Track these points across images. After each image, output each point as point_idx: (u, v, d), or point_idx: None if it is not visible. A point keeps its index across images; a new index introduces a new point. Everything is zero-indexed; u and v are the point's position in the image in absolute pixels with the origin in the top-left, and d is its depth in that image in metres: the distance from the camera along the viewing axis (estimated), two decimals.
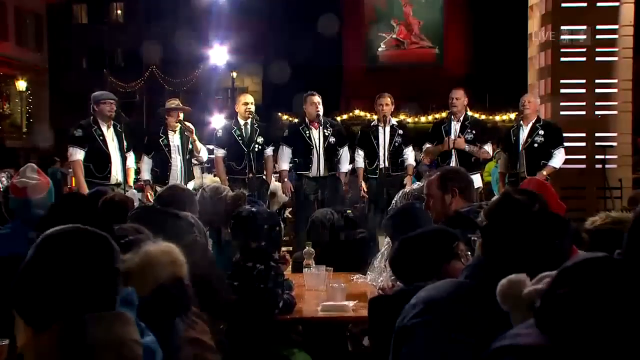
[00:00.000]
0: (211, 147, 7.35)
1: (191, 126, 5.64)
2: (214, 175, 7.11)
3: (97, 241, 1.33)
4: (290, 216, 7.99)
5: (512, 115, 19.09)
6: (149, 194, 5.69)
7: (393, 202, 3.47)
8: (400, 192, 3.44)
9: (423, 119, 20.97)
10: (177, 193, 2.87)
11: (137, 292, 1.46)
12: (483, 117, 20.00)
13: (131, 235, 1.87)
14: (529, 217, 1.50)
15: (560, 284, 0.96)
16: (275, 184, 7.16)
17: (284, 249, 6.34)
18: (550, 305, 0.94)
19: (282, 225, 2.79)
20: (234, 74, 19.49)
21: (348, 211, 3.98)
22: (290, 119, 21.64)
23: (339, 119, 21.28)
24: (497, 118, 19.86)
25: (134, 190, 5.30)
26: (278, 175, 6.28)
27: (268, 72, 22.36)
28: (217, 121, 16.66)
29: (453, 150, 5.72)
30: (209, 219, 3.08)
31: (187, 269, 1.73)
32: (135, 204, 3.28)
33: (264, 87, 23.23)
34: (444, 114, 21.88)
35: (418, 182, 3.59)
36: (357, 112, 21.43)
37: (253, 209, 2.70)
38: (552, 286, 0.98)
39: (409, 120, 20.79)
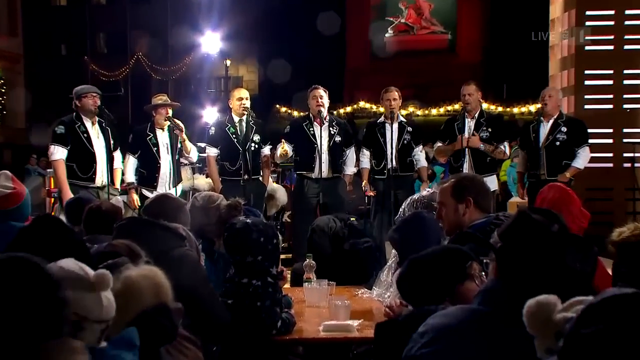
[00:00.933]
0: (202, 145, 7.37)
1: (181, 124, 5.66)
2: (206, 176, 7.15)
3: (29, 271, 1.35)
4: (289, 220, 8.02)
5: (532, 108, 19.09)
6: (134, 197, 5.72)
7: (400, 210, 3.48)
8: (409, 199, 3.46)
9: (434, 111, 20.98)
10: (167, 202, 2.89)
11: (118, 320, 1.48)
12: (499, 109, 20.04)
13: (122, 252, 1.89)
14: (547, 238, 1.51)
15: (586, 323, 0.96)
16: (273, 186, 7.19)
17: (282, 256, 6.38)
18: (574, 346, 0.94)
19: (280, 238, 2.81)
20: (228, 62, 19.48)
21: (352, 218, 3.99)
22: (289, 111, 21.66)
23: (342, 111, 21.38)
24: (515, 110, 19.86)
25: (119, 197, 5.30)
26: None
27: (264, 60, 22.37)
28: (210, 115, 16.67)
29: (467, 150, 5.73)
30: (201, 230, 3.10)
31: (178, 285, 1.75)
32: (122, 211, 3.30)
33: (260, 77, 23.23)
34: (456, 106, 21.90)
35: (428, 189, 3.60)
36: (361, 104, 21.46)
37: (248, 220, 2.72)
38: (576, 325, 0.97)
39: (419, 112, 20.81)
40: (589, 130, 6.04)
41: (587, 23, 8.03)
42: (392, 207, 5.65)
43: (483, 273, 1.84)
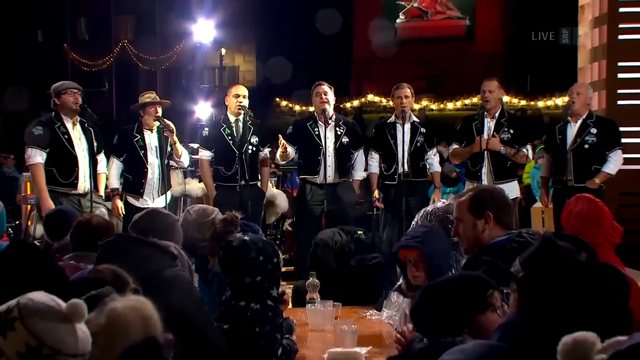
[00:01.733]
0: (195, 145, 7.39)
1: (171, 125, 5.68)
2: (199, 181, 7.18)
3: None
4: (289, 228, 8.06)
5: (559, 101, 19.08)
6: (118, 205, 5.75)
7: (413, 223, 3.51)
8: (422, 211, 3.48)
9: (450, 105, 21.00)
10: (157, 218, 2.91)
11: (103, 358, 1.50)
12: (523, 102, 20.03)
13: (108, 279, 1.91)
14: (574, 268, 1.53)
15: None
16: (272, 191, 7.23)
17: (283, 269, 6.41)
18: None
19: (281, 257, 2.83)
20: (223, 51, 19.51)
21: (359, 232, 4.02)
22: (290, 105, 21.69)
23: (348, 105, 21.39)
24: (540, 104, 19.85)
25: (103, 209, 5.33)
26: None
27: (263, 49, 22.38)
28: (203, 110, 16.66)
29: (485, 153, 5.75)
30: (194, 247, 3.13)
31: (170, 309, 1.76)
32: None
33: (258, 67, 23.24)
34: (474, 99, 21.87)
35: (443, 200, 3.62)
36: (370, 97, 21.48)
37: (246, 237, 2.74)
38: None
39: (433, 107, 20.83)
40: (622, 129, 6.04)
41: (621, 9, 8.02)
42: (404, 215, 5.67)
43: (505, 303, 1.86)
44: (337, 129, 5.91)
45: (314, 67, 19.16)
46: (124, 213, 5.71)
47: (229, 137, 5.87)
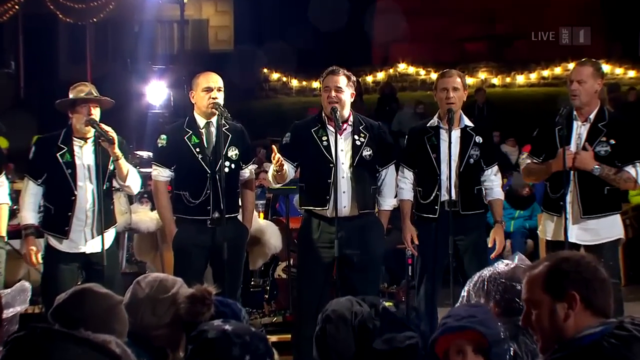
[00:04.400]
0: (143, 153, 7.47)
1: (112, 133, 5.76)
2: (152, 210, 7.27)
3: None
4: (283, 275, 8.15)
5: None
6: (32, 249, 5.82)
7: (463, 293, 3.59)
8: (476, 276, 3.56)
9: (520, 78, 21.02)
10: (91, 301, 2.96)
11: None
12: (631, 73, 19.96)
13: None
14: None
15: None
16: (259, 224, 7.33)
17: (274, 338, 6.48)
18: None
19: (276, 355, 2.91)
20: None
21: (388, 304, 4.10)
22: (285, 78, 21.76)
23: (369, 79, 21.45)
24: None
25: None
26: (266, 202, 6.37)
27: None
28: (156, 93, 16.43)
29: (572, 173, 5.82)
30: (146, 337, 3.19)
31: None
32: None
33: (237, 21, 23.22)
34: (557, 70, 21.78)
35: (507, 261, 3.70)
36: (401, 67, 21.54)
37: (226, 327, 2.81)
38: None
39: (495, 81, 20.83)
40: None
41: None
42: (451, 268, 5.75)
43: None
44: (356, 136, 5.98)
45: (320, 23, 19.23)
46: (43, 262, 5.80)
47: (197, 149, 5.95)
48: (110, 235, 6.02)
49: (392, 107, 18.23)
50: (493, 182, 6.25)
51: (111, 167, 5.91)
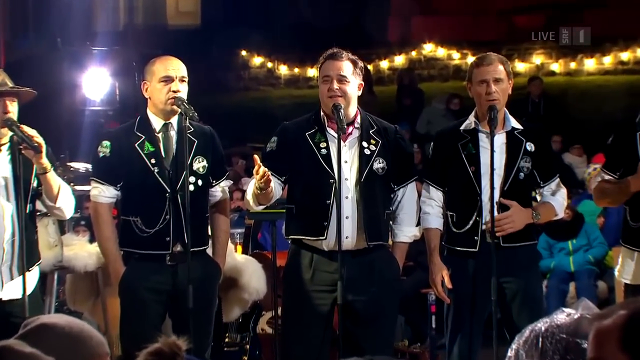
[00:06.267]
0: (79, 166, 7.51)
1: (39, 138, 5.76)
2: (91, 241, 7.28)
3: None
4: (268, 330, 8.17)
5: None
6: None
7: (510, 353, 3.63)
8: (528, 329, 3.59)
9: (590, 62, 21.01)
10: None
11: None
12: None
13: None
14: None
15: None
16: (235, 260, 7.36)
17: None
18: None
19: None
20: None
21: None
22: (269, 64, 21.79)
23: (385, 65, 21.43)
24: None
25: None
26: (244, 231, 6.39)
27: None
28: (95, 83, 16.45)
29: None
30: None
31: None
32: None
33: None
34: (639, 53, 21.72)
35: (569, 310, 3.73)
36: (427, 48, 21.56)
37: None
38: None
39: (555, 67, 20.81)
40: None
41: None
42: (494, 320, 5.77)
43: None
44: (365, 143, 6.00)
45: None
46: None
47: (152, 161, 5.98)
48: (33, 276, 6.00)
49: (411, 103, 18.16)
50: (556, 199, 6.24)
51: (35, 184, 5.90)
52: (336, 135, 5.89)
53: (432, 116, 16.78)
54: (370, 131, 6.06)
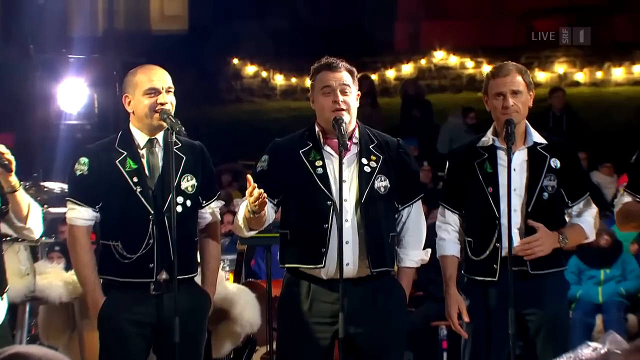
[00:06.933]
0: (54, 186, 7.56)
1: (9, 154, 5.78)
2: (66, 269, 7.31)
3: None
4: None
5: None
6: None
7: None
8: None
9: (618, 72, 21.01)
10: None
11: None
12: None
13: None
14: None
15: None
16: (226, 290, 7.39)
17: None
18: None
19: None
20: None
21: None
22: (264, 73, 21.82)
23: (391, 75, 21.41)
24: None
25: None
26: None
27: None
28: (71, 94, 16.45)
29: None
30: None
31: None
32: None
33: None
34: None
35: (594, 344, 3.78)
36: (437, 55, 21.58)
37: None
38: None
39: (581, 78, 20.81)
40: None
41: None
42: (512, 354, 5.81)
43: None
44: (364, 160, 6.02)
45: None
46: None
47: (135, 179, 6.01)
48: (1, 306, 6.00)
49: (419, 116, 18.12)
50: (585, 221, 6.24)
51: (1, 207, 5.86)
52: (333, 153, 5.97)
53: (453, 133, 16.73)
54: (370, 146, 6.08)
